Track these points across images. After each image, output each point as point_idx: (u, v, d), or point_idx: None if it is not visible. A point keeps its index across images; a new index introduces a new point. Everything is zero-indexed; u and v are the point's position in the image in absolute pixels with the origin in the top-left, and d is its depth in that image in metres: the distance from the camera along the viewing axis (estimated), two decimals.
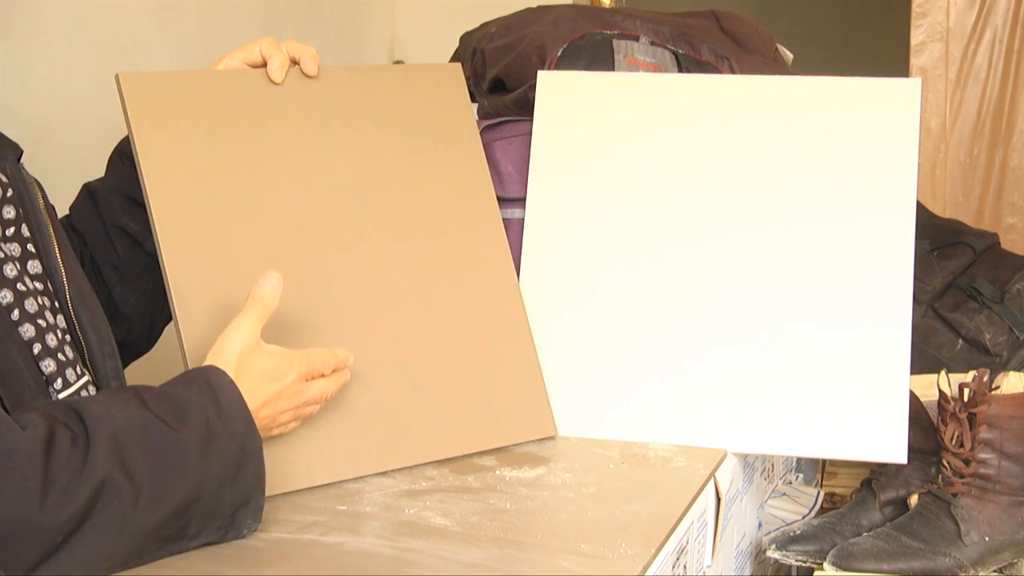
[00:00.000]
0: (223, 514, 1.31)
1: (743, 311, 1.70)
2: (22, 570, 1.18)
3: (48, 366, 1.40)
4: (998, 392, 1.61)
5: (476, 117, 1.90)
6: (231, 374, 1.35)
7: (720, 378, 1.68)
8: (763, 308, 1.70)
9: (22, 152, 1.57)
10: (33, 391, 1.37)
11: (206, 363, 1.37)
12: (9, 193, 1.48)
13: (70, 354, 1.45)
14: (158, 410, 1.28)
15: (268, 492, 1.46)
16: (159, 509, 1.25)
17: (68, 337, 1.47)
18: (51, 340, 1.42)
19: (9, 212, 1.47)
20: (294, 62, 1.68)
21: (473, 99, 2.00)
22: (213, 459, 1.29)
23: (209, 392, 1.32)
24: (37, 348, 1.40)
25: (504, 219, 1.79)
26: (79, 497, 1.19)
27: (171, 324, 1.55)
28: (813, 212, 1.72)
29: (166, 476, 1.25)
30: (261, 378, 1.38)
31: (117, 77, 1.56)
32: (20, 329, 1.39)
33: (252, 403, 1.35)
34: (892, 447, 1.62)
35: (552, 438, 1.69)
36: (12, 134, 1.58)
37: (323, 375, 1.45)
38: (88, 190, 1.74)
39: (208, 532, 1.32)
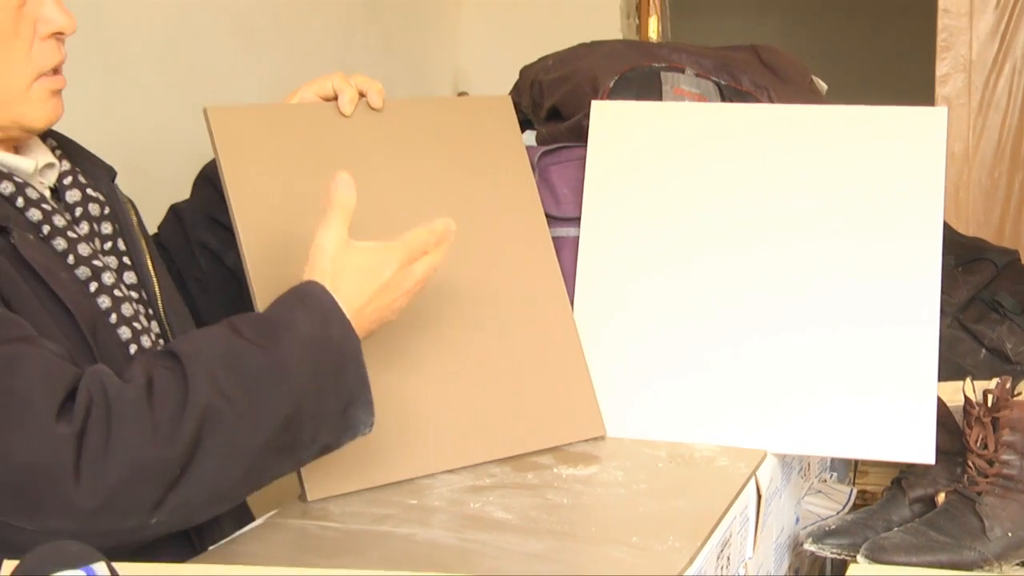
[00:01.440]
0: (332, 416, 1.31)
1: (781, 321, 1.70)
2: (150, 506, 1.20)
3: None
4: (1020, 398, 1.60)
5: (533, 143, 1.91)
6: (327, 281, 1.33)
7: (760, 383, 1.68)
8: (800, 318, 1.70)
9: (116, 173, 1.59)
10: None
11: (304, 277, 1.35)
12: (106, 211, 1.50)
13: None
14: (248, 334, 1.28)
15: (347, 490, 1.48)
16: (264, 426, 1.25)
17: (161, 340, 1.49)
18: (146, 341, 1.44)
19: (106, 228, 1.49)
20: (362, 95, 1.69)
21: (531, 126, 2.01)
22: (309, 369, 1.28)
23: (300, 305, 1.31)
24: (133, 348, 1.42)
25: (559, 237, 1.80)
26: (186, 429, 1.20)
27: None
28: (847, 229, 1.71)
29: (264, 395, 1.25)
30: (360, 276, 1.36)
31: (205, 110, 1.58)
32: (118, 331, 1.41)
33: (356, 302, 1.34)
34: (921, 448, 1.62)
35: (603, 438, 1.70)
36: (107, 158, 1.61)
37: (426, 252, 1.42)
38: (174, 210, 1.76)
39: (323, 436, 1.32)
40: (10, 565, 0.95)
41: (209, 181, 1.71)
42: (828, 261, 1.71)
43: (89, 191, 1.49)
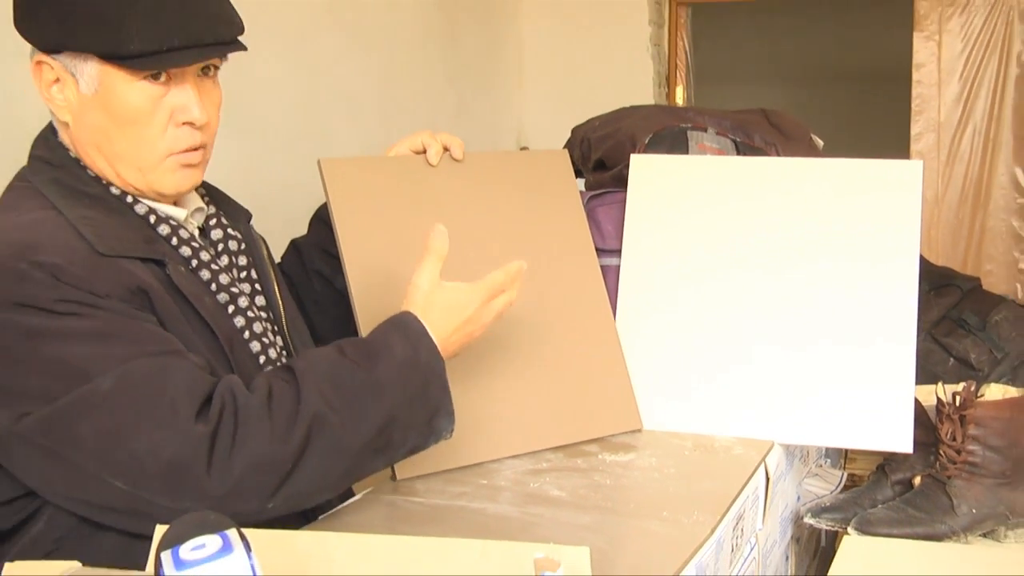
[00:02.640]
0: (419, 425, 1.31)
1: (786, 334, 1.68)
2: (267, 493, 1.21)
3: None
4: (982, 399, 1.58)
5: (582, 188, 1.90)
6: (420, 313, 1.33)
7: (768, 386, 1.67)
8: (801, 332, 1.68)
9: (251, 216, 1.60)
10: None
11: (401, 309, 1.35)
12: (242, 246, 1.51)
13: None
14: (352, 355, 1.28)
15: (429, 471, 1.47)
16: (363, 431, 1.25)
17: (284, 352, 1.49)
18: (272, 353, 1.45)
19: (242, 260, 1.50)
20: (446, 149, 1.69)
21: (580, 175, 2.00)
22: (402, 385, 1.28)
23: (396, 332, 1.31)
24: (262, 359, 1.43)
25: (604, 265, 1.79)
26: (298, 431, 1.21)
27: None
28: (841, 258, 1.70)
29: (363, 406, 1.25)
30: (447, 311, 1.35)
31: (319, 162, 1.59)
32: (250, 345, 1.42)
33: (442, 332, 1.34)
34: (901, 440, 1.61)
35: (639, 430, 1.68)
36: (244, 202, 1.62)
37: (504, 290, 1.40)
38: (294, 244, 1.77)
39: (412, 440, 1.32)
40: (160, 530, 0.96)
41: (322, 220, 1.72)
42: (825, 284, 1.69)
43: (229, 230, 1.50)
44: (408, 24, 3.65)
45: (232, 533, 0.91)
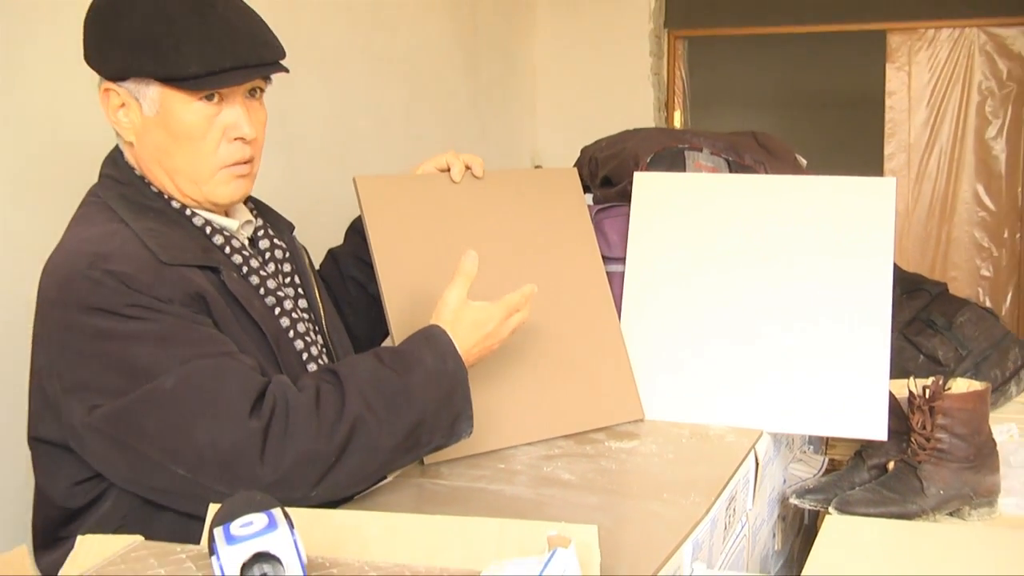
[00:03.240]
0: (444, 426, 1.31)
1: (774, 334, 1.67)
2: (311, 483, 1.21)
3: (311, 367, 1.42)
4: (949, 392, 1.57)
5: (590, 203, 1.90)
6: (447, 327, 1.34)
7: (758, 381, 1.66)
8: (789, 332, 1.67)
9: (294, 227, 1.60)
10: None
11: (430, 323, 1.36)
12: (287, 255, 1.51)
13: (325, 360, 1.47)
14: (389, 363, 1.29)
15: (453, 456, 1.47)
16: (396, 432, 1.26)
17: (324, 349, 1.49)
18: (314, 351, 1.44)
19: (287, 267, 1.50)
20: (468, 167, 1.69)
21: (589, 190, 1.99)
22: (431, 392, 1.29)
23: (427, 344, 1.32)
24: (305, 356, 1.42)
25: (610, 271, 1.78)
26: (341, 430, 1.22)
27: (387, 339, 1.57)
28: (823, 266, 1.69)
29: (398, 410, 1.26)
30: (471, 327, 1.36)
31: (354, 179, 1.59)
32: (295, 343, 1.42)
33: (466, 345, 1.35)
34: (876, 429, 1.60)
35: (642, 420, 1.67)
36: (287, 215, 1.62)
37: (518, 309, 1.41)
38: (331, 253, 1.77)
39: (436, 440, 1.32)
40: (214, 507, 0.96)
41: (356, 231, 1.72)
42: (808, 289, 1.68)
43: (275, 240, 1.50)
44: (433, 56, 3.65)
45: (277, 512, 0.91)
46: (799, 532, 1.88)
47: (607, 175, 1.95)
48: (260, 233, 1.49)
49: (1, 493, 1.90)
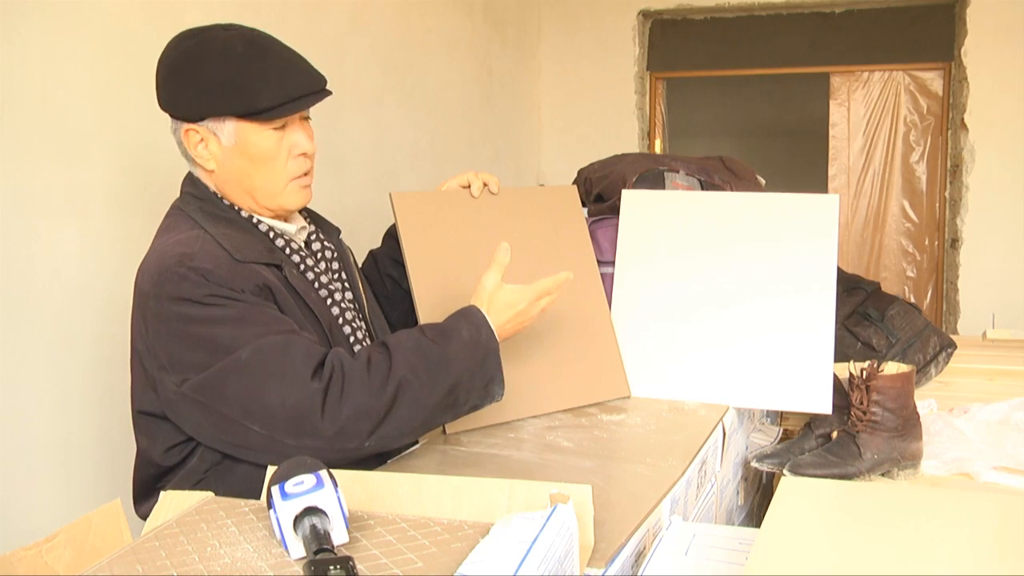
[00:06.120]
0: (478, 389, 1.29)
1: (738, 326, 1.66)
2: (365, 435, 1.20)
3: (356, 348, 1.41)
4: (882, 373, 1.55)
5: (586, 215, 1.88)
6: (484, 306, 1.32)
7: (725, 364, 1.64)
8: (749, 325, 1.65)
9: (340, 231, 1.59)
10: None
11: (469, 303, 1.34)
12: (335, 255, 1.50)
13: (368, 343, 1.46)
14: (431, 335, 1.27)
15: (471, 427, 1.45)
16: (436, 392, 1.24)
17: (367, 334, 1.48)
18: (359, 335, 1.44)
19: (335, 265, 1.49)
20: (485, 185, 1.67)
21: (584, 205, 1.97)
22: (467, 358, 1.27)
23: (464, 319, 1.30)
24: (352, 339, 1.42)
25: (602, 273, 1.76)
26: (389, 390, 1.20)
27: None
28: (778, 267, 1.67)
29: (438, 373, 1.24)
30: (504, 306, 1.34)
31: (390, 195, 1.57)
32: (344, 329, 1.41)
33: (499, 320, 1.32)
34: (822, 403, 1.58)
35: (628, 397, 1.65)
36: (335, 221, 1.61)
37: (549, 293, 1.38)
38: (371, 254, 1.76)
39: (472, 401, 1.30)
40: (271, 470, 0.95)
41: (392, 236, 1.71)
42: (767, 287, 1.67)
43: (325, 243, 1.49)
44: (455, 96, 3.65)
45: (324, 473, 0.90)
46: (758, 490, 1.86)
47: (600, 192, 1.94)
48: (313, 236, 1.48)
49: (107, 457, 1.89)
